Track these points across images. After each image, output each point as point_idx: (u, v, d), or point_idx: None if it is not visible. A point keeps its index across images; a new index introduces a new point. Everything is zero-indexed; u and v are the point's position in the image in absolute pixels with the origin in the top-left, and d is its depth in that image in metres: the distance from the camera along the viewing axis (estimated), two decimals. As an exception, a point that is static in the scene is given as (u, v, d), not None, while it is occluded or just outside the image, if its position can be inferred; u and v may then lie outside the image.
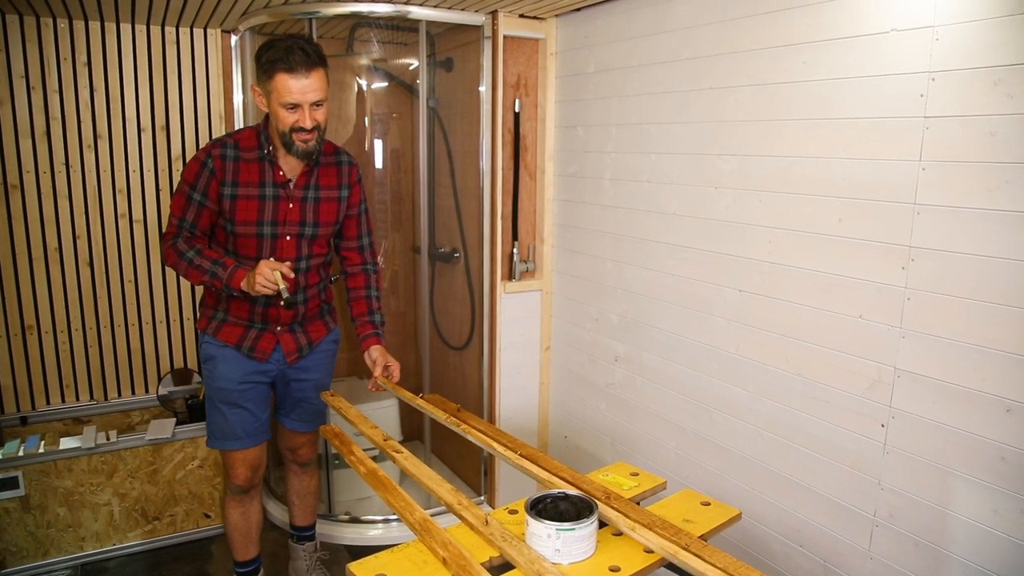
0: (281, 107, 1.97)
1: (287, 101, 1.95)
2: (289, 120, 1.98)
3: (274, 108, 2.00)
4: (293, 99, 1.95)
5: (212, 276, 2.05)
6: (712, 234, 2.28)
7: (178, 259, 2.08)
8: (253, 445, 2.29)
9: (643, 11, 2.47)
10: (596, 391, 2.91)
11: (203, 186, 2.07)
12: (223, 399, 2.23)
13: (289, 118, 1.98)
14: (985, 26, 1.53)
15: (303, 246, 2.20)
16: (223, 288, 2.06)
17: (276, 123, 2.03)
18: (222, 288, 2.06)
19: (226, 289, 2.06)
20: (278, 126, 2.02)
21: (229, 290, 2.06)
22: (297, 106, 1.96)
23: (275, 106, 1.99)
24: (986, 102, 1.54)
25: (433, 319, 3.60)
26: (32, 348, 3.08)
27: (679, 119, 2.37)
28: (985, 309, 1.58)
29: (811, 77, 1.92)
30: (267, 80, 1.97)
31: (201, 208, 2.09)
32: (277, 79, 1.94)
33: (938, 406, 1.69)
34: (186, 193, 2.09)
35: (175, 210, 2.11)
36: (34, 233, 3.01)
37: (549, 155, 3.04)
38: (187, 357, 3.38)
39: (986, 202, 1.56)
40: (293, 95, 1.94)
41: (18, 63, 2.88)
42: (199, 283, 2.09)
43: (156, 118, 3.15)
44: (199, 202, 2.09)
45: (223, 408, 2.23)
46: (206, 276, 2.06)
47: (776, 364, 2.10)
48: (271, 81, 1.96)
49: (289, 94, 1.94)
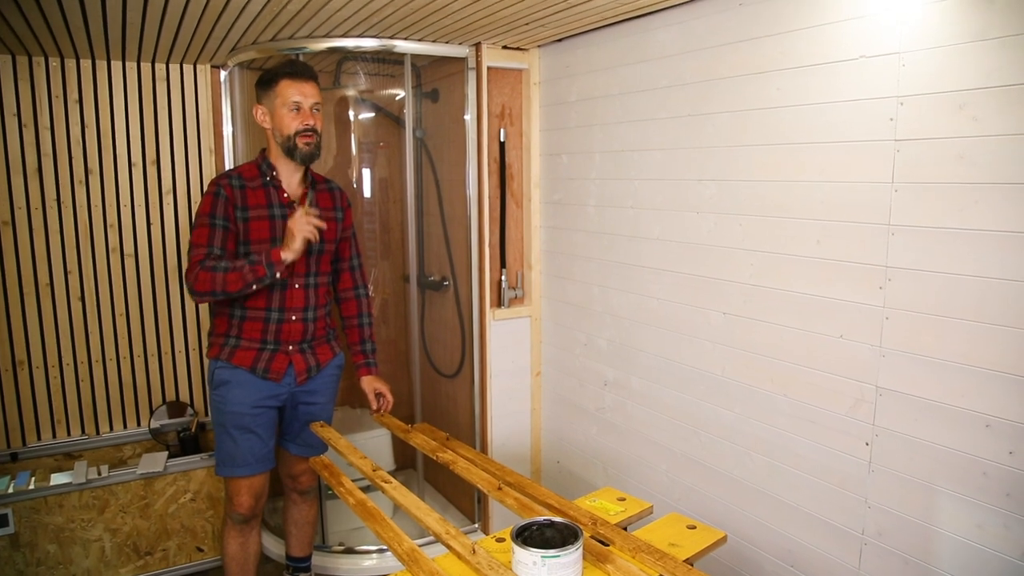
0: (286, 111, 2.17)
1: (292, 101, 2.16)
2: (294, 124, 2.18)
3: (279, 116, 2.18)
4: (296, 99, 2.16)
5: (252, 264, 2.11)
6: (695, 258, 2.31)
7: (212, 275, 2.11)
8: (259, 472, 2.34)
9: (622, 41, 2.53)
10: (587, 416, 2.92)
11: (222, 212, 2.18)
12: (235, 424, 2.27)
13: (293, 122, 2.17)
14: (949, 52, 1.58)
15: (311, 263, 2.33)
16: (266, 271, 2.11)
17: (280, 132, 2.19)
18: (265, 273, 2.11)
19: (269, 269, 2.11)
20: (283, 132, 2.19)
21: (272, 269, 2.11)
22: (299, 108, 2.17)
23: (280, 112, 2.17)
24: (953, 125, 1.58)
25: (424, 347, 3.61)
26: (23, 384, 3.08)
27: (660, 146, 2.41)
28: (961, 327, 1.61)
29: (785, 103, 1.96)
30: (271, 89, 2.18)
31: (226, 231, 2.19)
32: (281, 84, 2.17)
33: (920, 424, 1.71)
34: (207, 223, 2.17)
35: (199, 241, 2.17)
36: (25, 269, 3.03)
37: (535, 183, 3.08)
38: (179, 390, 3.38)
39: (958, 222, 1.60)
40: (296, 96, 2.16)
41: (10, 101, 2.92)
42: (240, 285, 2.11)
43: (147, 153, 3.19)
44: (223, 226, 2.18)
45: (234, 433, 2.28)
46: (245, 269, 2.11)
47: (761, 385, 2.12)
48: (275, 88, 2.18)
49: (293, 95, 2.16)
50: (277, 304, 2.27)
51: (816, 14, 1.86)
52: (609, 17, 2.41)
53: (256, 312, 2.25)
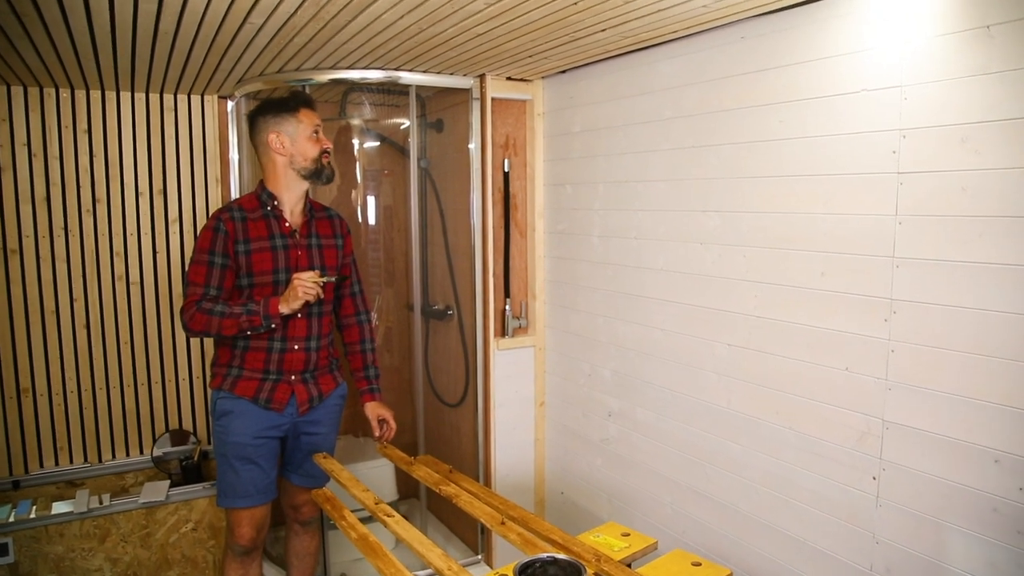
0: (308, 138, 2.26)
1: (316, 128, 2.28)
2: (316, 148, 2.28)
3: (301, 143, 2.26)
4: (317, 124, 2.29)
5: (249, 314, 2.15)
6: (699, 289, 2.31)
7: (208, 318, 2.15)
8: (261, 503, 2.33)
9: (625, 73, 2.55)
10: (591, 446, 2.90)
11: (221, 248, 2.20)
12: (237, 454, 2.26)
13: (315, 147, 2.28)
14: (951, 86, 1.58)
15: None
16: (262, 322, 2.15)
17: (305, 156, 2.26)
18: (260, 323, 2.15)
19: (265, 321, 2.15)
20: (307, 156, 2.27)
21: (269, 321, 2.16)
22: (318, 134, 2.29)
23: (303, 139, 2.26)
24: (956, 158, 1.58)
25: (427, 376, 3.60)
26: (27, 411, 3.08)
27: (663, 177, 2.42)
28: (967, 360, 1.60)
29: (788, 135, 1.97)
30: (291, 117, 2.26)
31: (224, 270, 2.21)
32: (302, 113, 2.27)
33: (928, 458, 1.69)
34: (205, 261, 2.19)
35: (195, 279, 2.19)
36: (32, 296, 3.04)
37: (539, 212, 3.09)
38: (182, 418, 3.38)
39: (963, 255, 1.59)
40: (316, 121, 2.29)
41: (21, 131, 2.95)
42: (235, 331, 2.17)
43: (154, 182, 3.21)
44: (221, 264, 2.20)
45: (236, 464, 2.27)
46: (242, 318, 2.15)
47: (767, 418, 2.10)
48: (295, 115, 2.26)
49: (313, 121, 2.28)
50: (280, 334, 2.27)
51: (817, 48, 1.87)
52: (612, 49, 2.43)
53: (259, 342, 2.26)
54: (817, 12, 1.87)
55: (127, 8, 1.86)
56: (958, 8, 1.57)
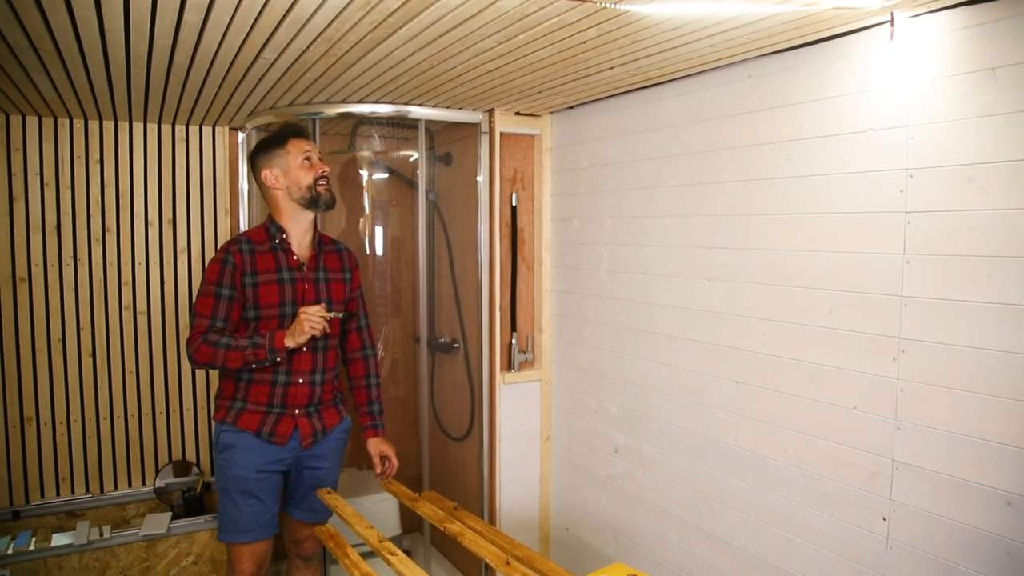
0: (300, 167, 2.26)
1: (306, 155, 2.27)
2: (310, 174, 2.27)
3: (294, 172, 2.26)
4: (307, 151, 2.27)
5: (254, 347, 2.15)
6: (707, 326, 2.30)
7: (213, 350, 2.16)
8: (263, 538, 2.30)
9: (632, 109, 2.57)
10: (597, 482, 2.87)
11: (228, 280, 2.20)
12: (239, 488, 2.25)
13: (309, 173, 2.27)
14: (957, 126, 1.59)
15: None
16: (267, 356, 2.15)
17: (298, 185, 2.25)
18: (266, 357, 2.15)
19: (270, 355, 2.15)
20: (301, 185, 2.25)
21: (274, 355, 2.15)
22: (310, 160, 2.28)
23: (294, 169, 2.26)
24: (963, 198, 1.58)
25: (433, 409, 3.58)
26: (30, 440, 3.07)
27: (670, 213, 2.43)
28: (978, 401, 1.58)
29: (795, 173, 1.97)
30: (280, 149, 2.27)
31: (231, 302, 2.21)
32: (291, 143, 2.27)
33: (938, 499, 1.67)
34: (212, 293, 2.19)
35: (202, 311, 2.19)
36: (39, 325, 3.05)
37: (546, 247, 3.09)
38: (186, 449, 3.36)
39: (971, 294, 1.59)
40: (306, 148, 2.28)
41: (34, 161, 2.99)
42: (240, 364, 2.16)
43: (163, 212, 3.24)
44: (228, 296, 2.20)
45: (238, 498, 2.25)
46: (247, 351, 2.15)
47: (775, 456, 2.08)
48: (285, 147, 2.27)
49: (303, 149, 2.27)
50: (284, 367, 2.26)
51: (824, 87, 1.89)
52: (620, 86, 2.46)
53: (263, 375, 2.25)
54: (823, 52, 1.89)
55: (142, 43, 1.89)
56: (963, 50, 1.58)
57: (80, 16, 1.66)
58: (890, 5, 1.60)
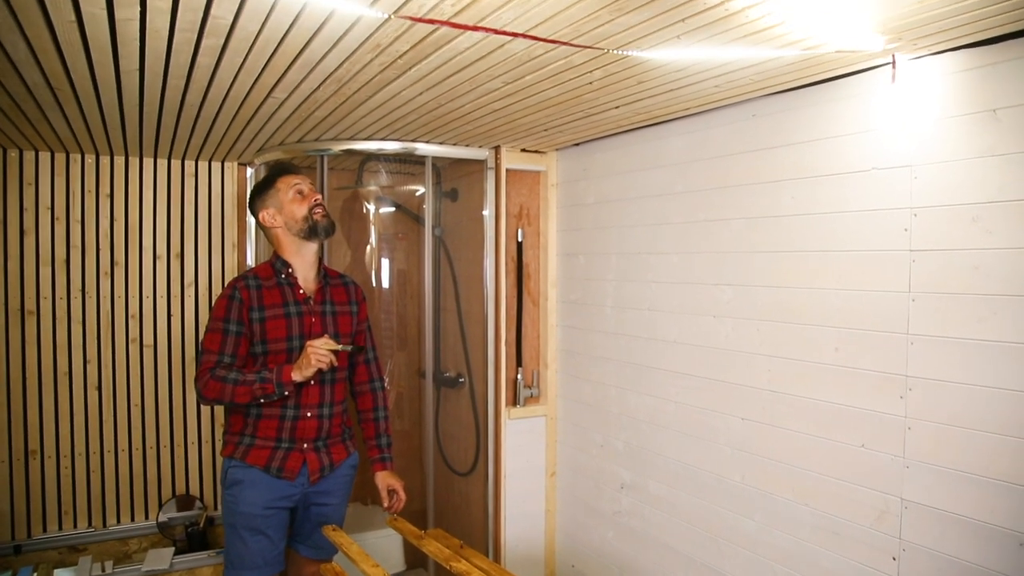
0: (293, 200, 2.27)
1: (296, 189, 2.27)
2: (304, 206, 2.27)
3: (288, 207, 2.27)
4: (296, 184, 2.28)
5: (262, 382, 2.14)
6: (713, 362, 2.30)
7: (222, 385, 2.15)
8: (269, 575, 2.28)
9: (637, 147, 2.60)
10: (603, 519, 2.84)
11: (236, 315, 2.21)
12: (246, 525, 2.23)
13: (303, 204, 2.27)
14: (960, 166, 1.61)
15: None
16: (275, 390, 2.14)
17: (294, 218, 2.27)
18: (274, 391, 2.14)
19: (278, 389, 2.14)
20: (296, 217, 2.27)
21: (282, 389, 2.15)
22: (303, 192, 2.28)
23: (288, 204, 2.27)
24: (968, 237, 1.60)
25: (438, 444, 3.57)
26: (34, 473, 3.06)
27: (676, 249, 2.44)
28: (987, 440, 1.58)
29: (799, 211, 1.99)
30: (271, 189, 2.28)
31: (238, 337, 2.21)
32: (280, 181, 2.28)
33: (949, 539, 1.66)
34: (220, 329, 2.20)
35: (210, 347, 2.20)
36: (46, 358, 3.06)
37: (552, 282, 3.11)
38: (189, 482, 3.35)
39: (978, 333, 1.59)
40: (296, 181, 2.29)
41: (46, 196, 3.03)
42: (248, 399, 2.15)
43: (172, 246, 3.27)
44: (236, 332, 2.21)
45: (245, 535, 2.24)
46: (255, 386, 2.14)
47: (783, 494, 2.07)
48: (275, 186, 2.28)
49: (293, 183, 2.28)
50: (293, 401, 2.26)
51: (827, 127, 1.91)
52: (625, 124, 2.49)
53: (271, 410, 2.25)
54: (826, 92, 1.92)
55: (156, 82, 1.92)
56: (964, 92, 1.61)
57: (97, 59, 1.70)
58: (891, 48, 1.63)
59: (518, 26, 1.48)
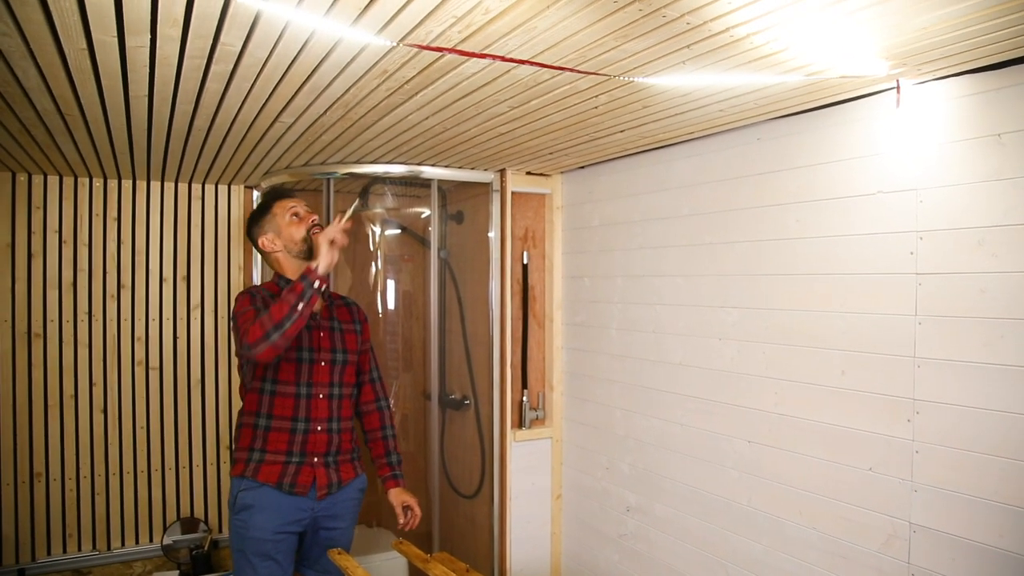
0: (289, 223, 2.27)
1: (292, 211, 2.27)
2: (301, 227, 2.27)
3: (286, 231, 2.27)
4: (292, 207, 2.28)
5: (290, 289, 2.07)
6: (718, 385, 2.30)
7: (260, 323, 2.06)
8: None
9: (642, 170, 2.61)
10: (609, 542, 2.82)
11: (261, 304, 2.19)
12: (256, 550, 2.22)
13: (300, 226, 2.28)
14: (964, 190, 1.61)
15: (335, 372, 2.34)
16: (304, 287, 2.06)
17: (293, 240, 2.26)
18: (303, 289, 2.06)
19: (307, 284, 2.06)
20: (295, 238, 2.26)
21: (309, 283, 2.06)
22: (299, 215, 2.28)
23: (285, 227, 2.27)
24: (974, 260, 1.60)
25: (443, 466, 3.55)
26: (39, 496, 3.06)
27: (681, 272, 2.44)
28: (996, 464, 1.57)
29: (805, 234, 1.99)
30: (267, 215, 2.28)
31: None
32: (276, 206, 2.29)
33: (958, 564, 1.64)
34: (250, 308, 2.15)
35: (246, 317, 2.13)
36: (52, 380, 3.06)
37: (557, 304, 3.11)
38: (194, 505, 3.34)
39: (984, 356, 1.59)
40: (291, 205, 2.29)
41: (53, 219, 3.05)
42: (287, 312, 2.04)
43: (178, 269, 3.28)
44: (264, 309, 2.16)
45: (255, 560, 2.23)
46: (285, 294, 2.07)
47: (790, 517, 2.06)
48: (271, 211, 2.28)
49: (289, 207, 2.28)
50: (304, 414, 2.26)
51: (832, 151, 1.92)
52: (630, 148, 2.50)
53: (282, 422, 2.24)
54: (831, 116, 1.93)
55: (164, 108, 1.94)
56: (969, 116, 1.61)
57: (107, 85, 1.72)
58: (896, 73, 1.64)
59: (524, 52, 1.49)
